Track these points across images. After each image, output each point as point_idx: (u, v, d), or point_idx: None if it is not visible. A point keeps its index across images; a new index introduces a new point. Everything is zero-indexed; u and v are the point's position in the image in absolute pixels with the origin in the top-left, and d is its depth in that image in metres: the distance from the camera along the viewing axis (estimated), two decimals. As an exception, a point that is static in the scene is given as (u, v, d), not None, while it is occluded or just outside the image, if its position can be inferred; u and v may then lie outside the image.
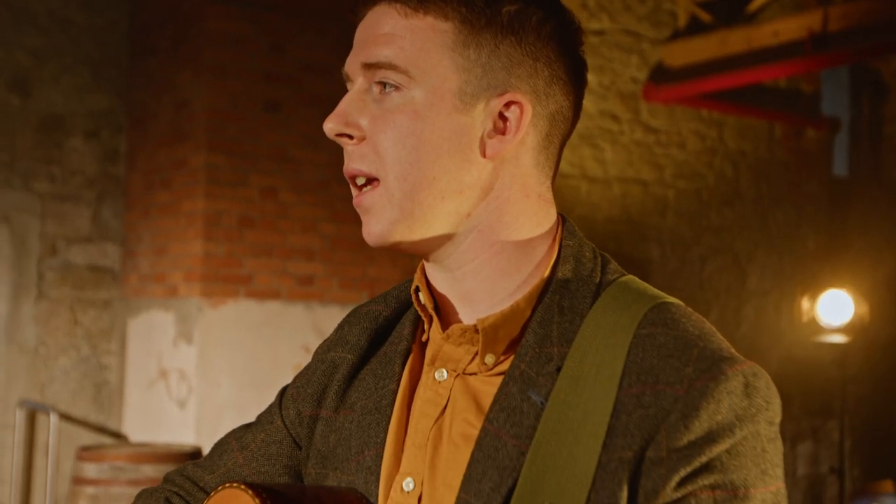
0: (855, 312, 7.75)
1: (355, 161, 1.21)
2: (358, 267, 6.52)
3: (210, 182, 6.16)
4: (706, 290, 8.06)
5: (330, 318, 6.39)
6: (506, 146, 1.20)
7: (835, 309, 7.77)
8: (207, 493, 1.31)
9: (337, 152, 1.26)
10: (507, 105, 1.20)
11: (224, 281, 6.20)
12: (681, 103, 7.92)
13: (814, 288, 8.23)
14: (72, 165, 6.77)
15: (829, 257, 8.73)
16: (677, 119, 8.06)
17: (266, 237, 6.31)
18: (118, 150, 6.93)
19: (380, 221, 1.20)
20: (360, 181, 1.22)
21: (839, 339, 7.77)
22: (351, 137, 1.21)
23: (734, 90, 7.76)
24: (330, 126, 1.22)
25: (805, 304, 8.32)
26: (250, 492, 1.18)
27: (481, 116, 1.20)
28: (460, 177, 1.19)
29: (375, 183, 1.20)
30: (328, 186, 6.42)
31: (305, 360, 6.28)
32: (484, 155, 1.20)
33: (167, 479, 1.44)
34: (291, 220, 6.37)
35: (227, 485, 1.23)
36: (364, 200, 1.22)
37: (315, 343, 6.23)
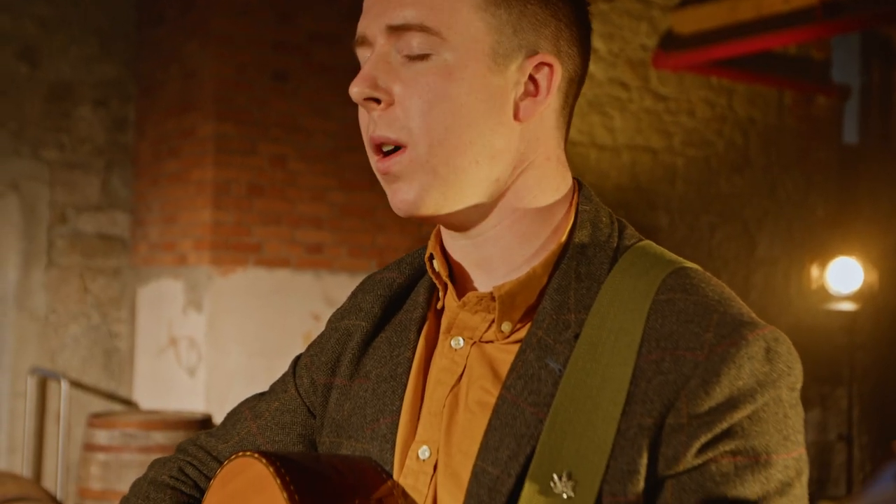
0: (864, 280, 7.74)
1: (383, 128, 1.16)
2: (367, 235, 6.52)
3: (219, 151, 6.16)
4: (715, 258, 8.05)
5: (339, 286, 6.40)
6: (538, 108, 1.18)
7: (844, 276, 7.76)
8: (221, 463, 1.30)
9: (346, 121, 1.23)
10: (538, 66, 1.17)
11: (233, 249, 6.20)
12: (690, 70, 7.88)
13: (823, 255, 8.21)
14: (80, 134, 6.76)
15: (839, 225, 8.70)
16: (687, 86, 8.02)
17: (275, 205, 6.31)
18: (127, 118, 6.92)
19: (411, 189, 1.17)
20: (387, 148, 1.18)
21: (848, 306, 7.77)
22: (378, 102, 1.16)
23: (744, 57, 7.71)
24: (357, 90, 1.16)
25: (814, 271, 8.31)
26: (264, 460, 1.17)
27: (514, 77, 1.17)
28: (493, 141, 1.16)
29: (402, 150, 1.16)
30: (337, 155, 6.41)
31: (314, 327, 6.31)
32: (516, 118, 1.17)
33: (180, 448, 1.43)
34: (300, 188, 6.37)
35: (241, 454, 1.23)
36: (392, 167, 1.17)
37: (324, 311, 6.24)
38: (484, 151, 1.16)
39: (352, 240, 6.48)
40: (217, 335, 6.18)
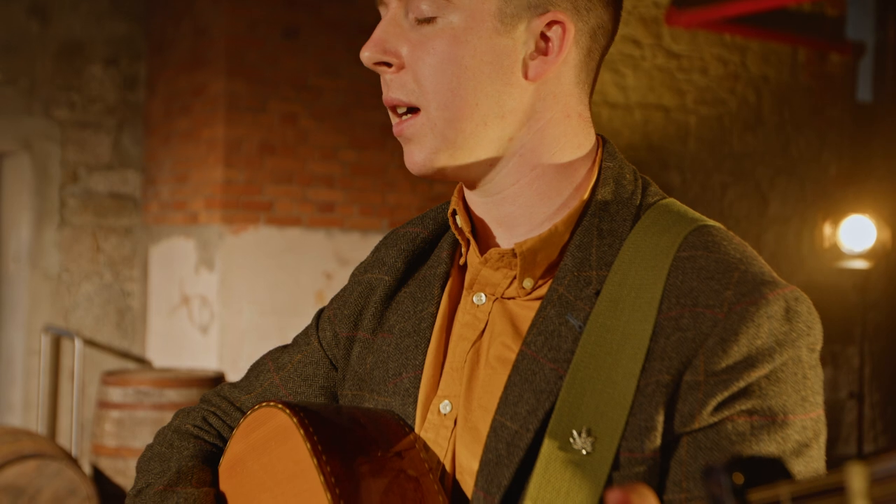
0: (877, 238, 7.73)
1: (394, 90, 1.18)
2: (378, 193, 6.51)
3: (230, 108, 6.15)
4: (727, 217, 8.03)
5: (350, 244, 6.40)
6: (549, 67, 1.17)
7: (857, 234, 7.74)
8: (244, 413, 1.32)
9: (356, 78, 1.23)
10: (549, 25, 1.16)
11: (245, 208, 6.21)
12: (703, 28, 7.82)
13: (836, 214, 8.19)
14: (91, 92, 6.75)
15: (852, 183, 8.67)
16: (699, 44, 7.97)
17: (286, 164, 6.31)
18: (137, 76, 6.91)
19: (422, 150, 1.18)
20: (401, 110, 1.19)
21: (861, 264, 7.75)
22: (389, 66, 1.17)
23: (757, 14, 7.65)
24: (367, 55, 1.18)
25: (827, 229, 8.29)
26: (287, 411, 1.18)
27: (523, 37, 1.16)
28: (502, 101, 1.16)
29: (416, 112, 1.18)
30: (348, 113, 6.39)
31: (326, 286, 6.33)
32: (526, 77, 1.17)
33: (204, 399, 1.45)
34: (311, 146, 6.36)
35: (265, 404, 1.24)
36: (405, 129, 1.19)
37: (336, 270, 6.25)
38: (492, 112, 1.16)
39: (363, 198, 6.48)
40: (229, 294, 6.19)
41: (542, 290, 1.19)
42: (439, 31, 1.15)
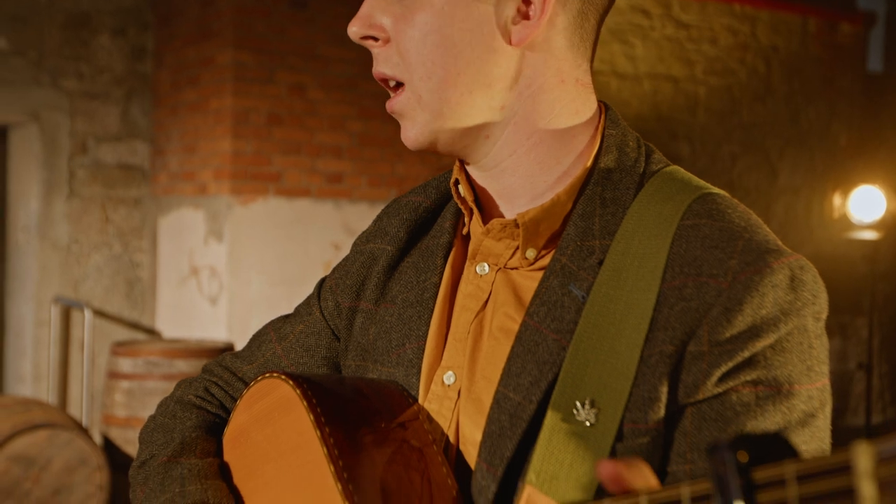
0: (887, 208, 7.70)
1: (381, 64, 1.18)
2: (386, 164, 6.50)
3: (237, 79, 6.13)
4: (736, 187, 8.01)
5: (359, 215, 6.40)
6: (532, 31, 1.15)
7: (866, 205, 7.71)
8: (246, 384, 1.32)
9: (364, 49, 1.23)
10: None
11: (253, 178, 6.20)
12: (713, -3, 7.78)
13: (845, 184, 8.17)
14: (99, 63, 6.74)
15: (862, 154, 8.64)
16: (709, 14, 7.92)
17: (294, 135, 6.30)
18: (145, 47, 6.89)
19: (414, 125, 1.18)
20: (392, 83, 1.19)
21: (870, 235, 7.73)
22: (376, 40, 1.18)
23: (768, -17, 7.61)
24: (354, 30, 1.18)
25: (836, 200, 8.27)
26: (290, 382, 1.18)
27: (503, 2, 1.15)
28: (487, 69, 1.15)
29: (401, 88, 1.18)
30: (356, 84, 6.38)
31: (335, 257, 6.33)
32: (510, 42, 1.15)
33: (206, 369, 1.45)
34: (320, 117, 6.35)
35: (268, 374, 1.24)
36: (395, 106, 1.19)
37: (344, 240, 6.25)
38: (477, 81, 1.15)
39: (371, 169, 6.47)
40: (238, 264, 6.20)
41: (545, 261, 1.18)
42: (421, 4, 1.14)
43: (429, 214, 1.33)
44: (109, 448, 5.92)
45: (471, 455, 1.14)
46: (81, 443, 5.53)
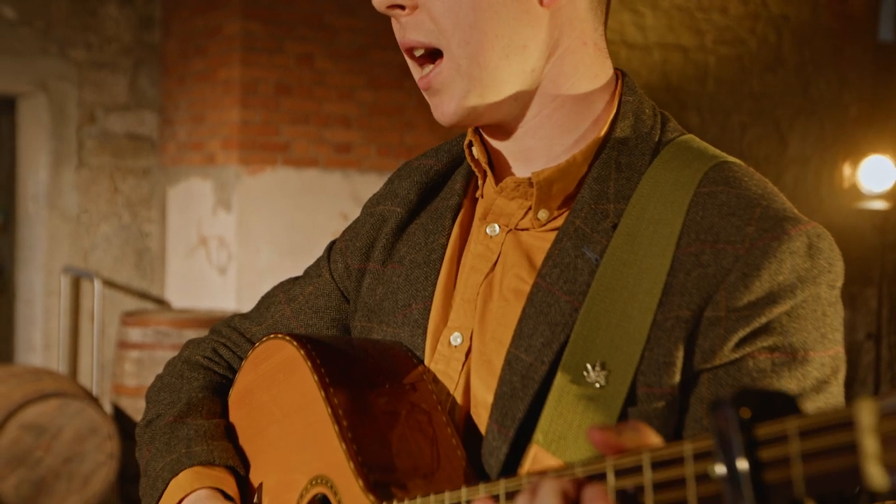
0: (897, 179, 7.67)
1: (411, 32, 1.16)
2: (395, 133, 6.49)
3: (246, 49, 6.12)
4: (745, 158, 7.97)
5: (368, 185, 6.40)
6: None
7: (876, 175, 7.68)
8: (254, 345, 1.32)
9: (373, 18, 1.21)
10: None
11: (261, 149, 6.20)
12: (724, -34, 7.73)
13: (855, 154, 8.13)
14: (107, 33, 6.73)
15: (872, 123, 8.60)
16: (720, -18, 7.88)
17: (303, 104, 6.29)
18: (153, 17, 6.87)
19: (452, 98, 1.16)
20: (419, 52, 1.17)
21: (880, 205, 7.71)
22: (403, 8, 1.15)
23: (779, -48, 7.55)
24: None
25: (846, 170, 8.24)
26: (295, 343, 1.19)
27: None
28: (521, 31, 1.14)
29: (439, 60, 1.16)
30: (365, 53, 6.36)
31: (343, 227, 6.33)
32: (542, 3, 1.15)
33: (214, 330, 1.45)
34: (328, 87, 6.33)
35: (273, 336, 1.24)
36: (433, 81, 1.17)
37: (353, 211, 6.25)
38: (512, 43, 1.14)
39: (380, 139, 6.46)
40: (246, 234, 6.21)
41: (558, 223, 1.18)
42: None
43: (440, 178, 1.32)
44: (120, 417, 5.95)
45: (481, 416, 1.15)
46: (92, 412, 5.56)
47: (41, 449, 5.46)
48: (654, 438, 0.83)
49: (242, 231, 6.19)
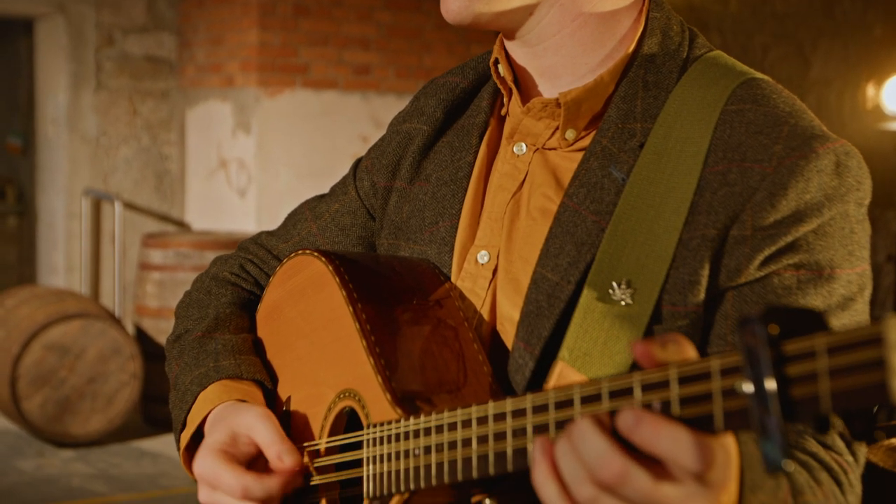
0: (920, 100, 7.60)
1: None
2: (414, 55, 6.45)
3: (264, -31, 6.07)
4: (767, 78, 7.90)
5: (386, 107, 6.38)
6: None
7: (900, 96, 7.62)
8: (281, 261, 1.33)
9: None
10: None
11: (280, 70, 6.18)
12: None
13: (879, 74, 8.04)
14: (124, -47, 6.68)
15: (897, 44, 8.49)
16: None
17: (321, 25, 6.24)
18: (170, -64, 6.82)
19: None
20: None
21: (903, 127, 7.65)
22: None
23: None
24: None
25: (870, 91, 8.16)
26: (323, 259, 1.19)
27: None
28: None
29: None
30: (383, -27, 6.30)
31: (362, 149, 6.33)
32: None
33: (241, 247, 1.45)
34: (346, 7, 6.28)
35: (301, 252, 1.25)
36: None
37: (372, 133, 6.24)
38: None
39: (399, 60, 6.42)
40: (266, 157, 6.21)
41: (585, 142, 1.17)
42: None
43: (466, 95, 1.31)
44: (142, 338, 6.01)
45: (507, 333, 1.15)
46: (115, 333, 5.62)
47: (65, 369, 5.53)
48: (693, 353, 0.84)
49: (262, 153, 6.19)
